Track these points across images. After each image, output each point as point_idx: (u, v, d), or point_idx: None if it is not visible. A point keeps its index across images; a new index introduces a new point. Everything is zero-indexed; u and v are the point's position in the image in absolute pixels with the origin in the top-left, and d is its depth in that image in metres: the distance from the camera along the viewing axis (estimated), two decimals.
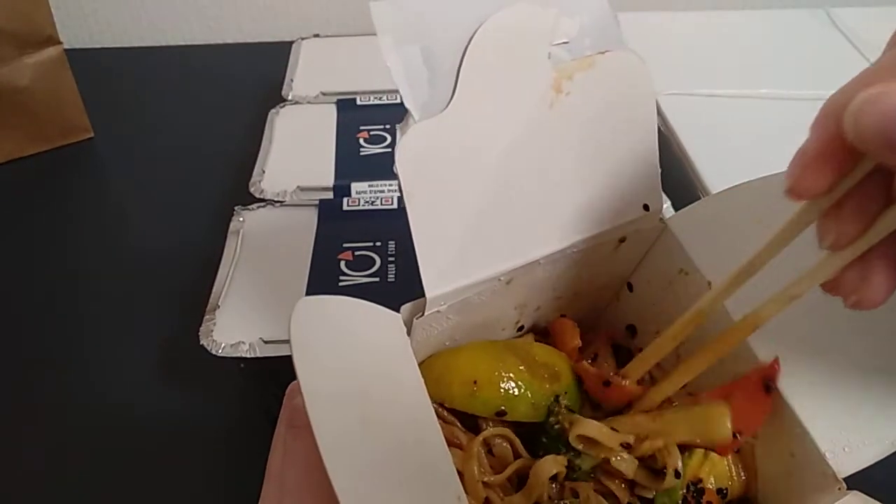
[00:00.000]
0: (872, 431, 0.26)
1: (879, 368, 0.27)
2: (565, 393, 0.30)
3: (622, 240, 0.32)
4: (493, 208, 0.28)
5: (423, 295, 0.27)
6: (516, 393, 0.29)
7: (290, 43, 0.67)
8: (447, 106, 0.26)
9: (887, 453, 0.26)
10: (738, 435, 0.28)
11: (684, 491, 0.28)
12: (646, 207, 0.32)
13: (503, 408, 0.29)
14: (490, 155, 0.28)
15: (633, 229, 0.32)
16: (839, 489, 0.26)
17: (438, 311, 0.28)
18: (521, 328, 0.35)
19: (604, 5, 0.29)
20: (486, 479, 0.28)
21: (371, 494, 0.21)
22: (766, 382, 0.29)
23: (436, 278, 0.27)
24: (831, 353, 0.28)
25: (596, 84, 0.29)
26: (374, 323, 0.26)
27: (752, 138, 0.54)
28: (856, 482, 0.26)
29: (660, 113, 0.56)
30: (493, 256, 0.29)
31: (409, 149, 0.25)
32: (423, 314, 0.28)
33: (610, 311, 0.37)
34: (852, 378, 0.27)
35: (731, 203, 0.32)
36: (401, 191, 0.26)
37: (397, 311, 0.28)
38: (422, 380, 0.26)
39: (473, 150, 0.27)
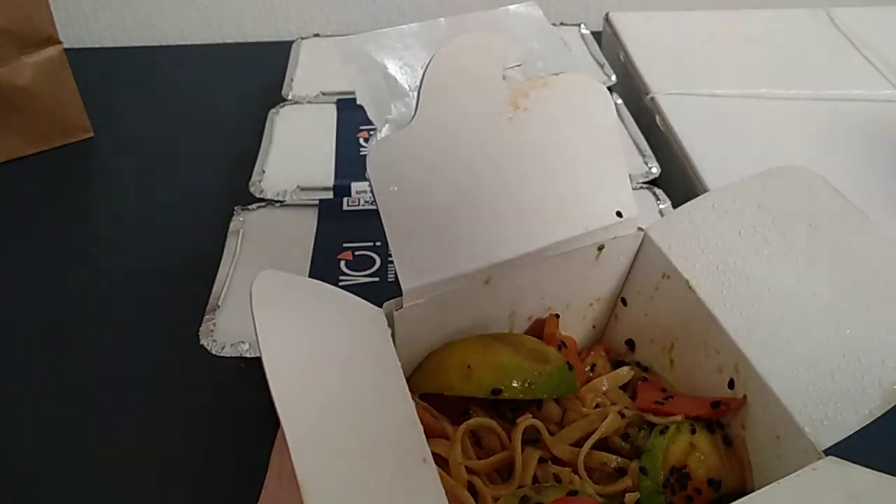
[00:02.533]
0: (849, 403, 0.27)
1: (853, 343, 0.28)
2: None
3: (601, 247, 0.33)
4: (462, 211, 0.30)
5: None
6: (508, 371, 0.30)
7: (290, 43, 0.67)
8: (411, 121, 0.28)
9: (864, 423, 0.27)
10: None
11: (666, 474, 0.29)
12: (619, 214, 0.33)
13: (497, 385, 0.30)
14: (454, 164, 0.29)
15: (609, 237, 0.33)
16: (819, 460, 0.26)
17: (417, 305, 0.29)
18: (510, 333, 0.35)
19: (552, 32, 0.32)
20: (469, 465, 0.29)
21: (329, 458, 0.21)
22: (717, 402, 0.31)
23: (410, 272, 0.29)
24: (806, 332, 0.29)
25: (552, 101, 0.31)
26: (346, 306, 0.27)
27: (751, 138, 0.54)
28: (841, 454, 0.26)
29: (659, 112, 0.56)
30: (467, 255, 0.30)
31: (379, 155, 0.28)
32: (401, 307, 0.29)
33: (609, 329, 0.38)
34: (827, 354, 0.28)
35: (706, 207, 0.33)
36: (372, 194, 0.28)
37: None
38: (397, 359, 0.27)
39: (438, 157, 0.29)
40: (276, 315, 0.24)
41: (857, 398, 0.27)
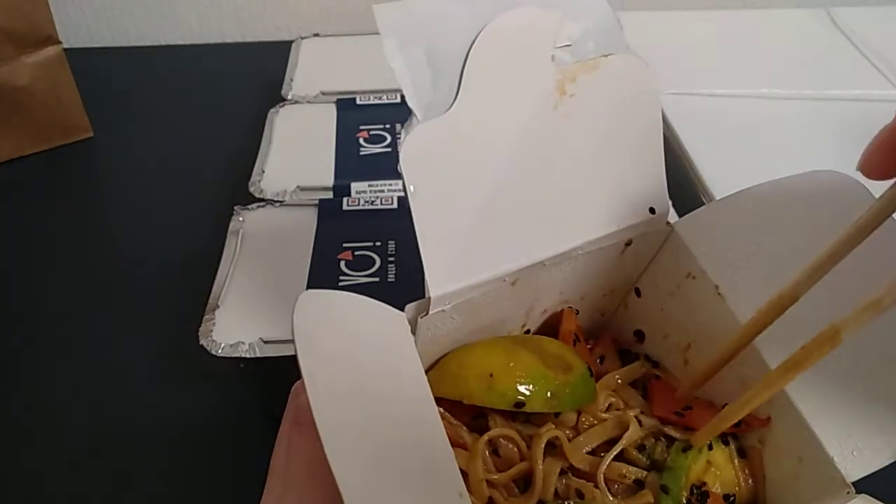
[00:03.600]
0: (881, 435, 0.26)
1: (888, 372, 0.27)
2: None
3: (628, 243, 0.32)
4: (497, 209, 0.28)
5: (423, 295, 0.28)
6: (532, 382, 0.29)
7: (290, 42, 0.67)
8: (451, 107, 0.26)
9: None
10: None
11: (687, 493, 0.28)
12: (652, 211, 0.32)
13: (520, 398, 0.29)
14: (494, 156, 0.28)
15: (639, 233, 0.32)
16: (847, 493, 0.26)
17: (443, 311, 0.28)
18: (527, 332, 0.35)
19: (607, 9, 0.29)
20: (490, 478, 0.28)
21: (373, 489, 0.21)
22: (739, 420, 0.30)
23: (440, 277, 0.27)
24: (840, 356, 0.27)
25: (600, 86, 0.29)
26: (378, 319, 0.27)
27: (752, 138, 0.54)
28: (865, 487, 0.26)
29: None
30: (498, 257, 0.29)
31: (413, 148, 0.26)
32: (427, 313, 0.28)
33: (618, 316, 0.37)
34: (861, 381, 0.27)
35: (739, 207, 0.32)
36: (405, 189, 0.26)
37: (399, 310, 0.28)
38: (424, 377, 0.26)
39: (477, 151, 0.27)
40: (317, 349, 0.23)
41: (890, 430, 0.26)
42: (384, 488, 0.21)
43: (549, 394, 0.29)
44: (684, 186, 0.50)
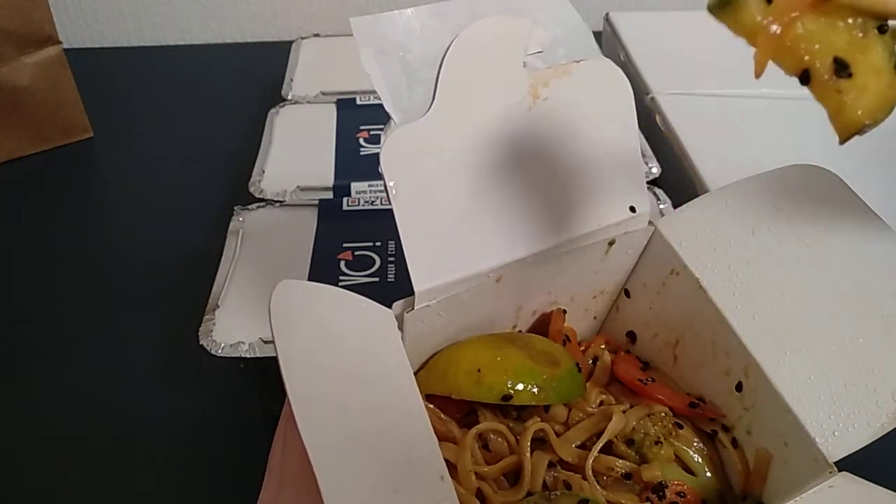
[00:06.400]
0: (861, 415, 0.27)
1: (866, 353, 0.28)
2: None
3: (611, 242, 0.33)
4: (477, 207, 0.29)
5: None
6: (519, 376, 0.30)
7: (290, 42, 0.67)
8: (427, 111, 0.27)
9: (877, 436, 0.26)
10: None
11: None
12: (632, 209, 0.32)
13: (508, 391, 0.29)
14: (471, 156, 0.29)
15: (621, 231, 0.33)
16: (830, 473, 0.26)
17: (428, 306, 0.29)
18: (518, 332, 0.35)
19: (576, 17, 0.30)
20: (479, 471, 0.28)
21: (350, 469, 0.21)
22: (695, 403, 0.31)
23: (423, 273, 0.28)
24: (819, 339, 0.28)
25: (572, 90, 0.30)
26: (361, 312, 0.27)
27: (751, 138, 0.54)
28: (848, 466, 0.26)
29: (660, 112, 0.56)
30: (480, 253, 0.30)
31: (393, 149, 0.27)
32: (412, 308, 0.28)
33: (610, 320, 0.37)
34: (840, 363, 0.28)
35: (718, 202, 0.33)
36: (386, 189, 0.27)
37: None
38: (409, 366, 0.26)
39: (455, 151, 0.28)
40: (294, 333, 0.23)
41: (870, 410, 0.26)
42: (362, 469, 0.22)
43: (536, 388, 0.30)
44: (684, 187, 0.50)
